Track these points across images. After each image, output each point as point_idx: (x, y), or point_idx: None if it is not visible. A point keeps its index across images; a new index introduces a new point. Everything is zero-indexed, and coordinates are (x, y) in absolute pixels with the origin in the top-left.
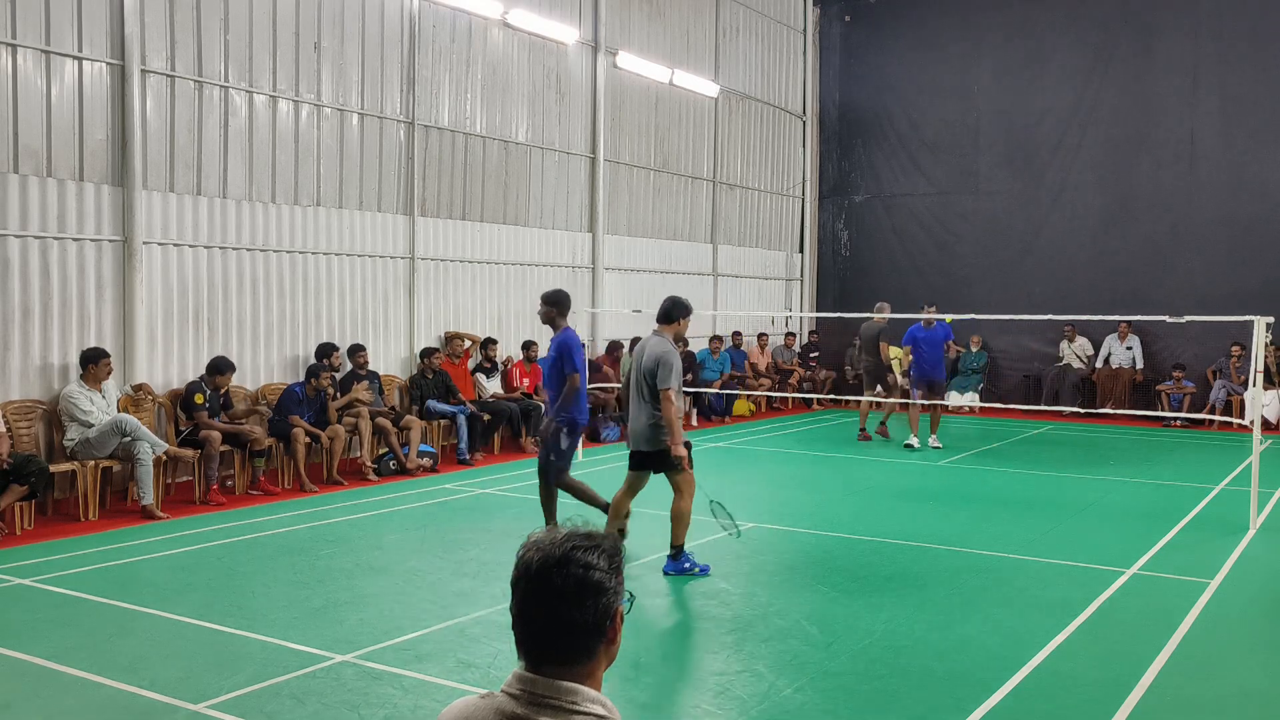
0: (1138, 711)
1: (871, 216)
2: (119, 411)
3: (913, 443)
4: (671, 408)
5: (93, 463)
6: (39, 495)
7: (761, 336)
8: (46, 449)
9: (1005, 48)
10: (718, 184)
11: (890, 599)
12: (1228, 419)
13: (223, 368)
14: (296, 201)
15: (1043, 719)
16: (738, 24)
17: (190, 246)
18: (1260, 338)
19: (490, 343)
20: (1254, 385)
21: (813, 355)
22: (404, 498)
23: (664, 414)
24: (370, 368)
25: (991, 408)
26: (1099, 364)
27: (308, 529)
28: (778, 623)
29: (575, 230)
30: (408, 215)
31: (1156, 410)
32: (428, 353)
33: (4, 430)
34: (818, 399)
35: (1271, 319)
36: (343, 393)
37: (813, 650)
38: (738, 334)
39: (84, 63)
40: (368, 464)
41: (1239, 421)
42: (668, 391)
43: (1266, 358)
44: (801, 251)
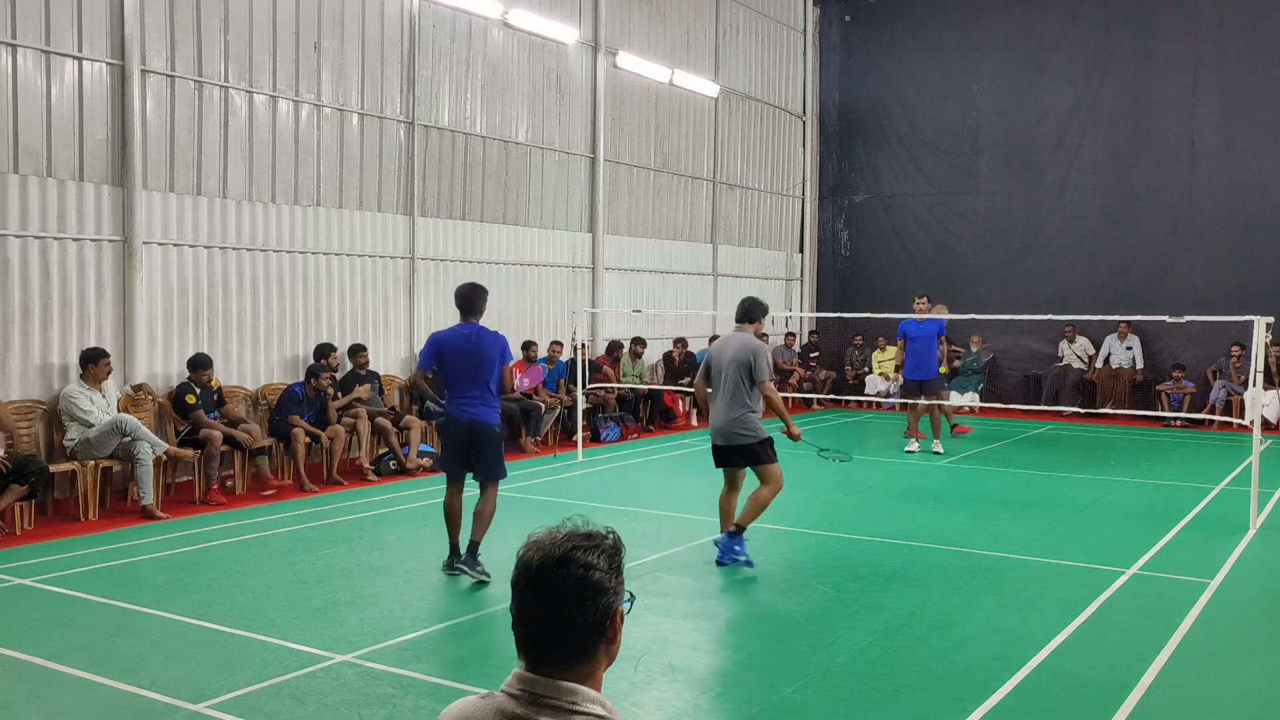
0: (1138, 711)
1: (871, 216)
2: (119, 411)
3: (913, 448)
4: (778, 395)
5: (93, 463)
6: (39, 495)
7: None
8: (46, 449)
9: (1005, 48)
10: (718, 184)
11: (890, 599)
12: (1228, 419)
13: (203, 363)
14: (296, 201)
15: (1043, 719)
16: (738, 24)
17: (190, 246)
18: (1260, 337)
19: None
20: (1254, 385)
21: (813, 355)
22: (404, 498)
23: (772, 403)
24: (370, 368)
25: (991, 408)
26: (1099, 364)
27: (308, 529)
28: (778, 623)
29: (575, 230)
30: (408, 215)
31: (1156, 410)
32: None
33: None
34: (817, 399)
35: (1271, 319)
36: (343, 393)
37: (813, 650)
38: None
39: (84, 63)
40: (367, 464)
41: (1239, 421)
42: (768, 384)
43: (1267, 358)
44: (801, 251)
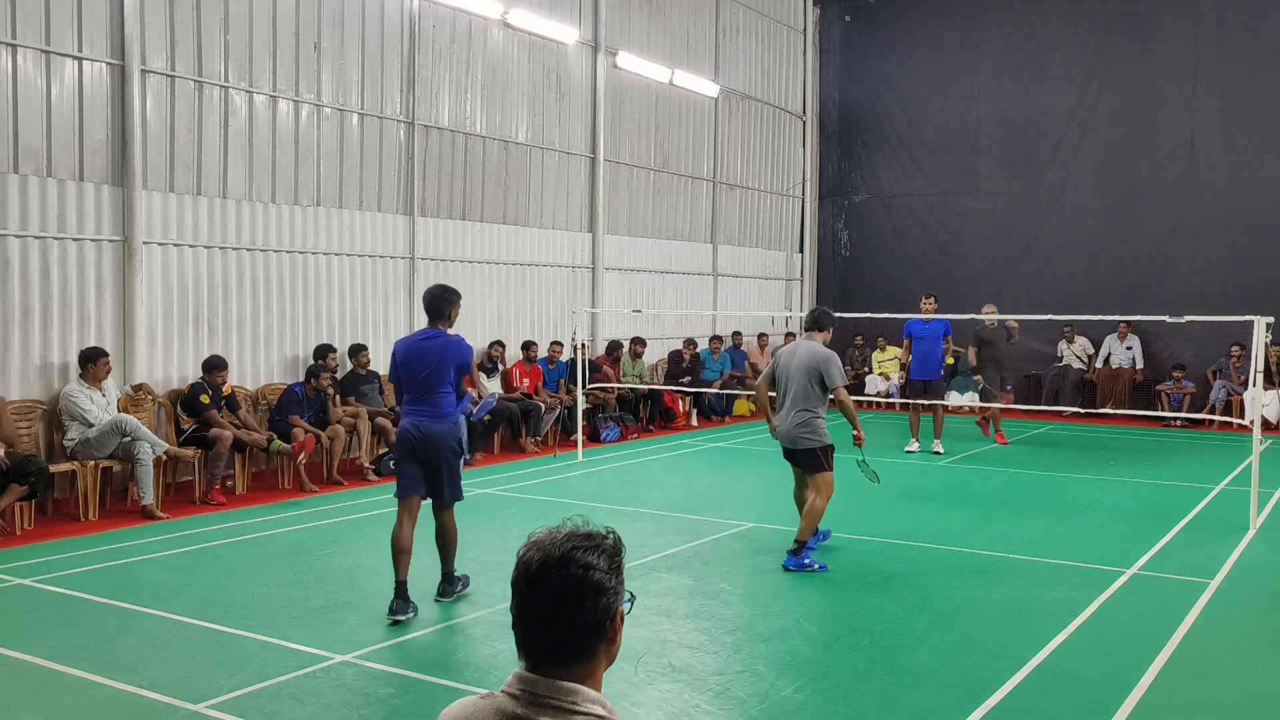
0: (1138, 711)
1: (871, 216)
2: (119, 411)
3: (913, 448)
4: (850, 401)
5: (93, 463)
6: (39, 495)
7: (761, 336)
8: (46, 449)
9: (1005, 48)
10: (718, 184)
11: (890, 599)
12: (1228, 419)
13: (218, 365)
14: (296, 201)
15: (1043, 719)
16: (738, 24)
17: (190, 246)
18: (1260, 338)
19: (497, 345)
20: (1254, 385)
21: None
22: None
23: (844, 407)
24: (370, 368)
25: (991, 408)
26: (1099, 364)
27: (308, 529)
28: (778, 623)
29: (575, 230)
30: (408, 215)
31: (1156, 410)
32: None
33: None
34: None
35: (1271, 319)
36: (343, 393)
37: (813, 650)
38: (738, 334)
39: (84, 63)
40: (367, 464)
41: (1239, 421)
42: (841, 389)
43: (1267, 357)
44: (801, 251)
